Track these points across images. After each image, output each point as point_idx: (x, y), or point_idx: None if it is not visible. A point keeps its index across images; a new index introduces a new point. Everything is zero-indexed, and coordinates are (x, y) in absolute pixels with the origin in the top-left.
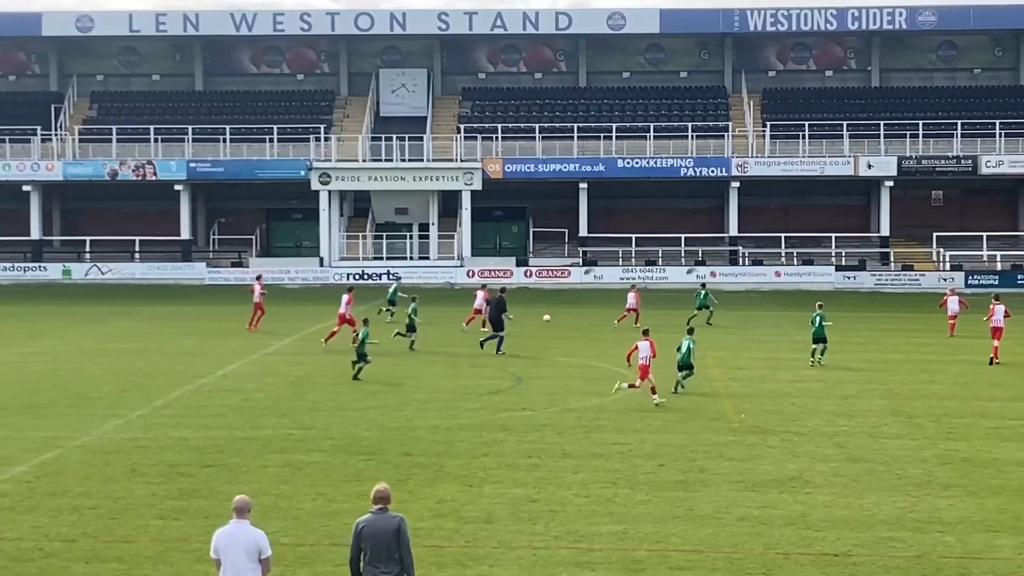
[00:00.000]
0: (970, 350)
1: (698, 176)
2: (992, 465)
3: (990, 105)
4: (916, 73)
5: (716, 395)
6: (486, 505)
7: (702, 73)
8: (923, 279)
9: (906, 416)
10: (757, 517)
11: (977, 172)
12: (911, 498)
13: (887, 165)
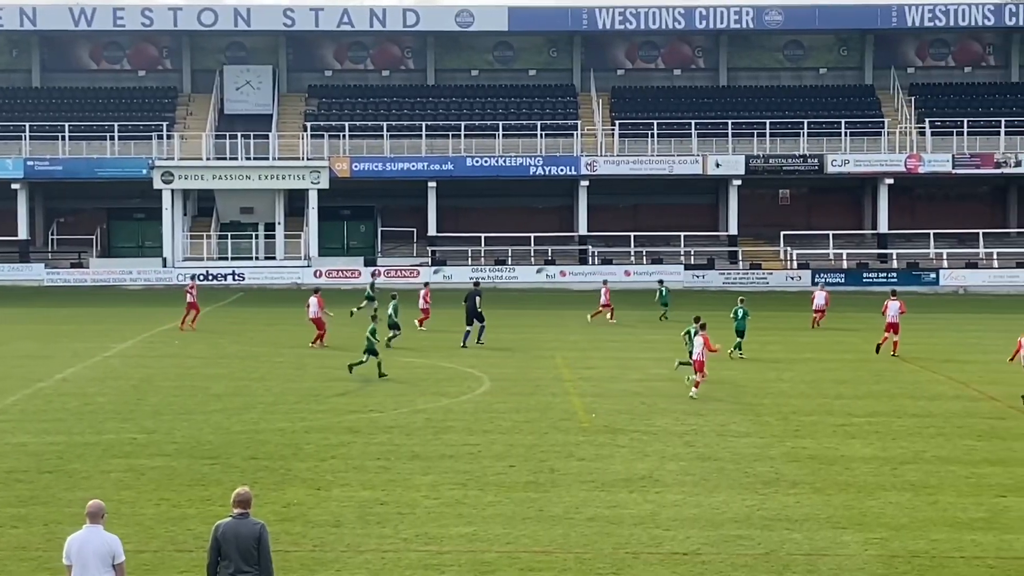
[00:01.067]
0: (816, 348)
1: (547, 175)
2: (838, 462)
3: (836, 104)
4: (763, 72)
5: (566, 395)
6: (334, 508)
7: (551, 71)
8: (771, 278)
9: (754, 414)
10: (607, 517)
11: (823, 171)
12: (759, 496)
13: (735, 164)
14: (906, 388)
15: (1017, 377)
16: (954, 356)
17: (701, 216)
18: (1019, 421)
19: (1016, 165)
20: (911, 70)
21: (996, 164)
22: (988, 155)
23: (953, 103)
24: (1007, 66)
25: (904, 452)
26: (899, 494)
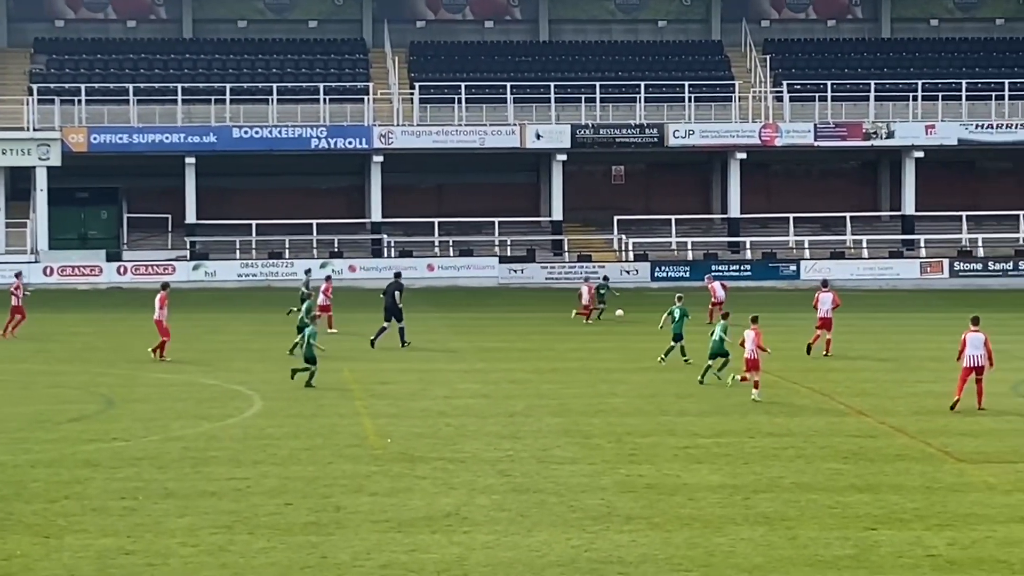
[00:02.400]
0: (656, 356)
1: (333, 149)
2: (681, 492)
3: (678, 64)
4: (591, 25)
5: (355, 416)
6: (67, 560)
7: (336, 23)
8: (603, 271)
9: (582, 436)
10: (405, 563)
11: (664, 144)
12: (587, 534)
13: (559, 135)
14: (761, 402)
15: (890, 388)
16: (817, 364)
17: (519, 198)
18: (890, 440)
19: (888, 136)
20: (765, 24)
21: (865, 135)
22: (856, 124)
23: (815, 63)
24: (877, 19)
25: (758, 479)
26: (752, 529)
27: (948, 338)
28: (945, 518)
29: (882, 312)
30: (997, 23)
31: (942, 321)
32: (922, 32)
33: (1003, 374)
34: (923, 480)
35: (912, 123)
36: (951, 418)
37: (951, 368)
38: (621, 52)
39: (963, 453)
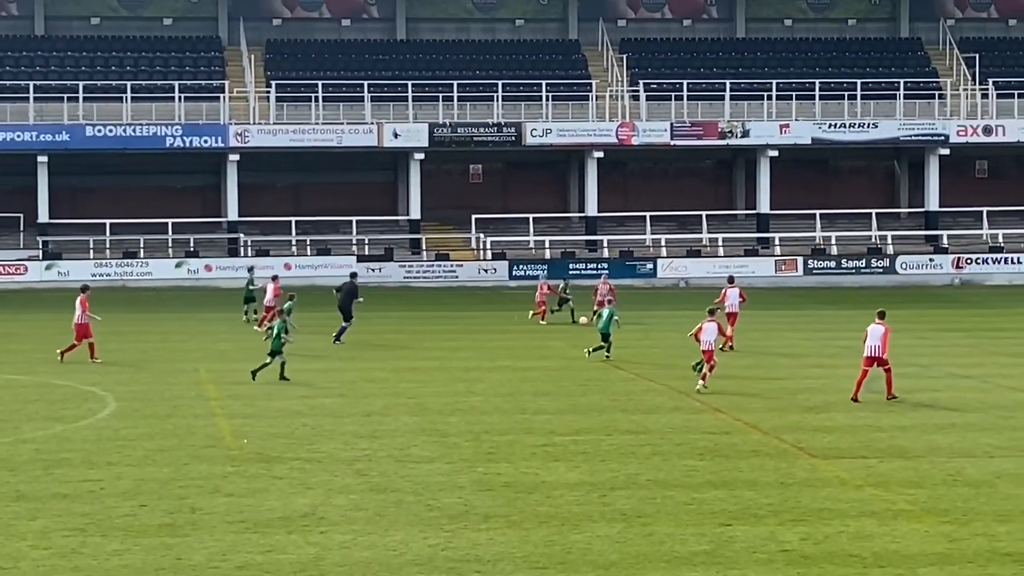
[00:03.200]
0: (514, 354)
1: (188, 148)
2: (539, 490)
3: (535, 63)
4: (449, 23)
5: (211, 416)
6: None
7: (191, 20)
8: (461, 270)
9: (440, 435)
10: (261, 564)
11: (522, 143)
12: (445, 533)
13: (417, 134)
14: (618, 400)
15: (745, 385)
16: (674, 361)
17: (377, 197)
18: (745, 436)
19: (743, 135)
20: (622, 23)
21: (720, 134)
22: (711, 124)
23: (671, 62)
24: (732, 19)
25: (615, 476)
26: (609, 526)
27: (802, 335)
28: (799, 513)
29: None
30: (849, 24)
31: (796, 318)
32: (776, 32)
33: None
34: (777, 476)
35: (767, 122)
36: (804, 414)
37: (806, 364)
38: (479, 51)
39: (816, 449)
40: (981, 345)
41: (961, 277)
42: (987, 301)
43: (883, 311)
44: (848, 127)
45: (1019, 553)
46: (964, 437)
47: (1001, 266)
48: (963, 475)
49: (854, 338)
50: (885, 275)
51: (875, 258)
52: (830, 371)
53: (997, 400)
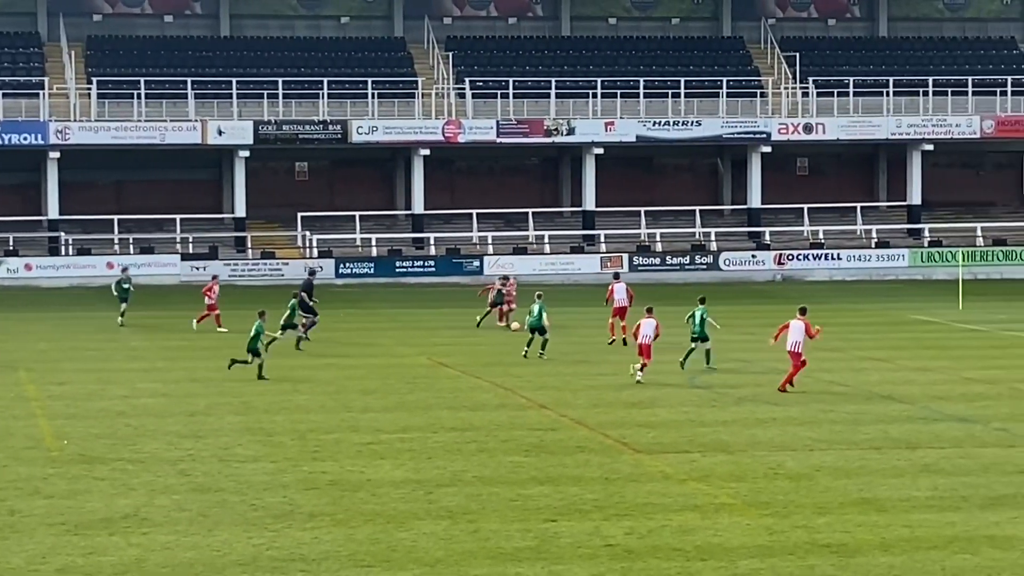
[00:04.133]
0: (340, 352)
1: (7, 145)
2: (364, 488)
3: (361, 60)
4: (274, 20)
5: (31, 417)
6: None
7: (9, 16)
8: (287, 268)
9: (265, 434)
10: (81, 567)
11: (348, 140)
12: (270, 532)
13: (241, 132)
14: (444, 397)
15: (571, 381)
16: (499, 359)
17: (202, 195)
18: (571, 432)
19: (569, 133)
20: (448, 20)
21: (546, 132)
22: (537, 121)
23: (496, 60)
24: (557, 17)
25: (441, 473)
26: (435, 523)
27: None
28: (623, 508)
29: (564, 306)
30: (673, 22)
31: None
32: (601, 31)
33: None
34: (602, 471)
35: (592, 120)
36: (629, 410)
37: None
38: (304, 48)
39: (640, 444)
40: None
41: (783, 273)
42: (808, 297)
43: (804, 307)
44: (672, 125)
45: (837, 544)
46: (785, 431)
47: (821, 262)
48: (784, 468)
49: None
50: (709, 271)
51: (699, 254)
52: (654, 366)
53: (817, 394)
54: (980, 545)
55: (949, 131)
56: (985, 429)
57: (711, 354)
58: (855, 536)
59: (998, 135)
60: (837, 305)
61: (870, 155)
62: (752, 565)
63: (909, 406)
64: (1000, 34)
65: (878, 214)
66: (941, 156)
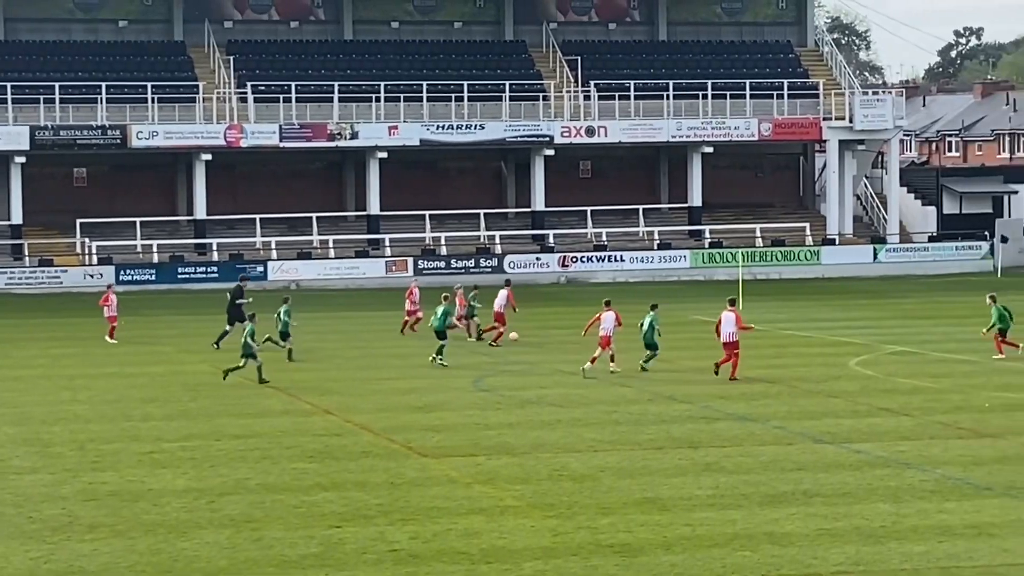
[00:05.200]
0: (121, 360)
1: None
2: (145, 497)
3: (140, 64)
4: (50, 24)
5: None
6: None
7: None
8: (66, 276)
9: (42, 445)
10: None
11: (127, 145)
12: (47, 545)
13: (17, 137)
14: (227, 405)
15: (356, 386)
16: (284, 365)
17: None
18: (356, 437)
19: (353, 137)
20: (229, 24)
21: (329, 136)
22: (320, 125)
23: (279, 64)
24: (339, 21)
25: (224, 481)
26: (217, 532)
27: (412, 335)
28: (408, 513)
29: (348, 311)
30: (455, 26)
31: None
32: (384, 34)
33: (465, 369)
34: (387, 476)
35: (375, 124)
36: (414, 414)
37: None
38: (81, 52)
39: (426, 448)
40: (584, 341)
41: (567, 275)
42: (592, 298)
43: (733, 299)
44: (456, 128)
45: (620, 544)
46: (569, 432)
47: (605, 264)
48: (568, 470)
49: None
50: (494, 274)
51: (484, 257)
52: (439, 370)
53: (601, 395)
54: (760, 542)
55: (728, 133)
56: (764, 427)
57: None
58: (637, 536)
59: (776, 137)
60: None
61: (651, 157)
62: (536, 567)
63: (690, 406)
64: (776, 38)
65: (660, 216)
66: (721, 158)
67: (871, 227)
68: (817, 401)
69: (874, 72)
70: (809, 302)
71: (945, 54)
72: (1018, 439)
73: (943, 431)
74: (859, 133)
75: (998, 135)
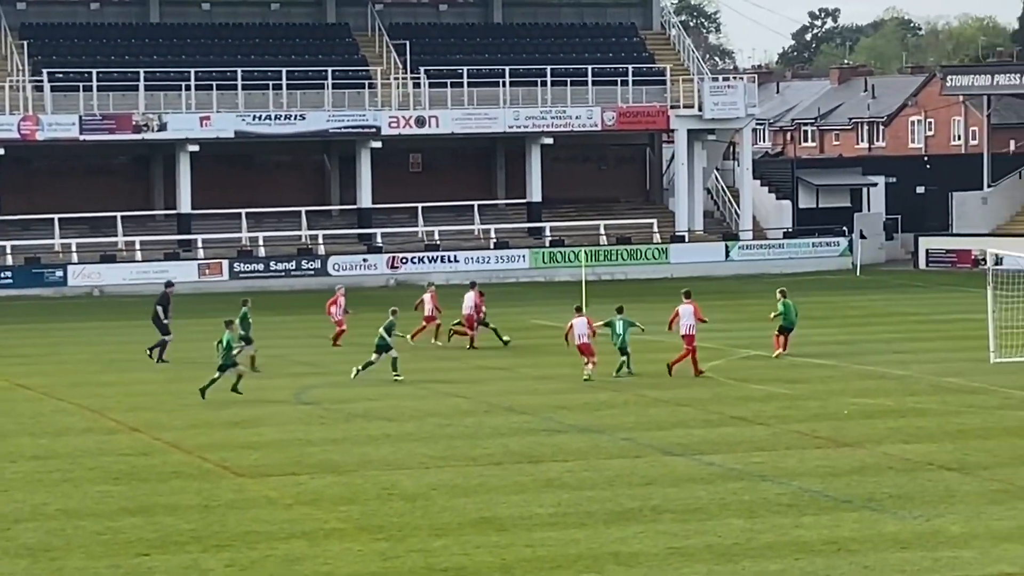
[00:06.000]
0: None
1: None
2: None
3: None
4: None
5: None
6: None
7: None
8: None
9: None
10: None
11: None
12: None
13: None
14: (24, 423)
15: (165, 401)
16: (86, 378)
17: None
18: (165, 456)
19: (161, 129)
20: (22, 6)
21: (135, 127)
22: (125, 116)
23: (78, 49)
24: (144, 3)
25: (19, 507)
26: (13, 562)
27: None
28: (223, 538)
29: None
30: (272, 8)
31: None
32: (194, 17)
33: (285, 380)
34: (200, 498)
35: (186, 114)
36: (230, 431)
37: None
38: None
39: (242, 467)
40: (419, 350)
41: (396, 277)
42: None
43: (688, 291)
44: (274, 119)
45: (455, 568)
46: (399, 448)
47: (437, 265)
48: (398, 488)
49: (285, 345)
50: (317, 277)
51: (306, 259)
52: (257, 382)
53: (434, 408)
54: (605, 562)
55: (569, 123)
56: (611, 439)
57: (628, 363)
58: (474, 558)
59: (620, 127)
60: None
61: (487, 149)
62: None
63: (531, 417)
64: (620, 20)
65: (497, 213)
66: (561, 150)
67: (723, 223)
68: (666, 410)
69: (725, 57)
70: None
71: (800, 37)
72: (878, 448)
73: (799, 440)
74: (709, 122)
75: (856, 123)
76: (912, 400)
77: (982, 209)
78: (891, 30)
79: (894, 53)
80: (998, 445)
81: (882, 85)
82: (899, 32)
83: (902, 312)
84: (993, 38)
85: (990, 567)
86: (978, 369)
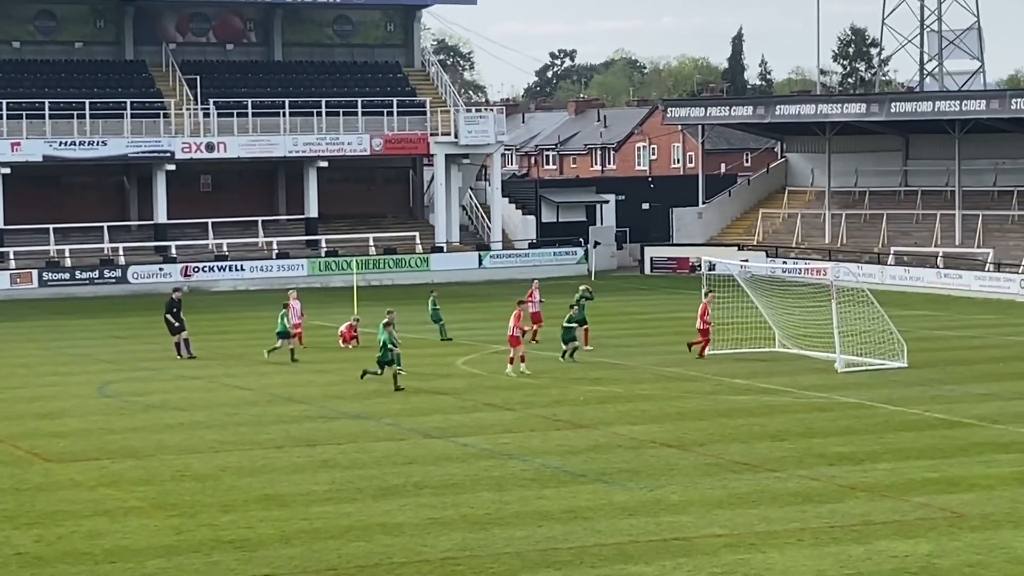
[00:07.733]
0: None
1: None
2: None
3: None
4: None
5: None
6: None
7: None
8: None
9: None
10: None
11: None
12: None
13: None
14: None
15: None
16: None
17: None
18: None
19: None
20: None
21: None
22: None
23: None
24: None
25: None
26: None
27: (37, 344)
28: (33, 517)
29: None
30: (76, 46)
31: (31, 329)
32: (5, 54)
33: (89, 376)
34: (12, 482)
35: None
36: (39, 421)
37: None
38: None
39: (51, 454)
40: (209, 347)
41: (189, 284)
42: (213, 306)
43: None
44: (79, 145)
45: (241, 540)
46: (192, 435)
47: (226, 273)
48: (190, 470)
49: (88, 345)
50: (119, 284)
51: (108, 269)
52: (64, 378)
53: (223, 399)
54: (374, 533)
55: (342, 148)
56: (378, 424)
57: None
58: (258, 531)
59: (387, 152)
60: (240, 314)
61: (270, 171)
62: (159, 564)
63: (309, 406)
64: (386, 59)
65: (279, 227)
66: (336, 172)
67: (476, 235)
68: (428, 399)
69: (478, 91)
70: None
71: (542, 74)
72: (609, 428)
73: (542, 423)
74: (464, 148)
75: (590, 149)
76: (638, 387)
77: (698, 222)
78: (620, 68)
79: (623, 88)
80: (711, 425)
81: (613, 116)
82: (627, 70)
83: (630, 311)
84: (707, 76)
85: (704, 530)
86: (694, 360)
